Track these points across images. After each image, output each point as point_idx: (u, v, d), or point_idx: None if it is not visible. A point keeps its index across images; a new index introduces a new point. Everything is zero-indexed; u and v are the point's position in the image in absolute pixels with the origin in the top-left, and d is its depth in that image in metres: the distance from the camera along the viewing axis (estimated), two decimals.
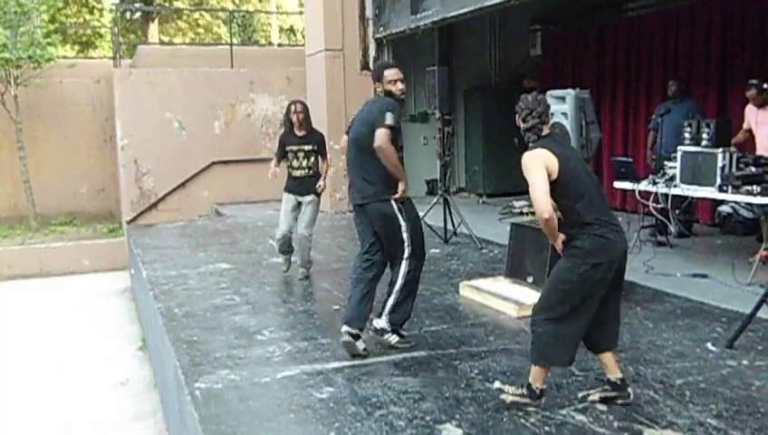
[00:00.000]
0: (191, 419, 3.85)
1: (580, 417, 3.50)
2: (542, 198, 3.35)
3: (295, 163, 6.60)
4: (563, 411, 3.56)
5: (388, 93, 4.64)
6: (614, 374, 3.61)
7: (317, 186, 6.58)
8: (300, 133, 6.59)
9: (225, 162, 12.87)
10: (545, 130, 3.59)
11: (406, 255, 4.47)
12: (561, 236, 3.49)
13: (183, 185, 12.77)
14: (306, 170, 6.59)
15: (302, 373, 4.28)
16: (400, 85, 4.68)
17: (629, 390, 3.62)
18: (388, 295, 4.53)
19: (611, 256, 3.45)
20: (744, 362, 4.18)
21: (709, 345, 4.48)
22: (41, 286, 11.51)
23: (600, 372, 4.03)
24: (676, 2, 9.16)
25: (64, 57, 15.65)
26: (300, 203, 6.65)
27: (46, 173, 13.73)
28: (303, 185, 6.60)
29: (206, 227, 10.64)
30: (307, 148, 6.57)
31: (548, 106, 3.65)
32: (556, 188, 3.41)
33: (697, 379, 3.94)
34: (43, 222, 13.56)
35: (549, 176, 3.39)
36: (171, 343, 4.99)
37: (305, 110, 6.60)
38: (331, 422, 3.58)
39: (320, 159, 6.67)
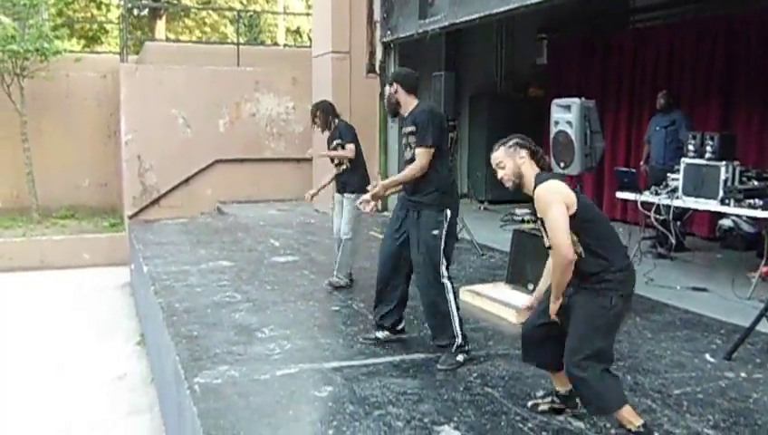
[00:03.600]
0: (190, 413, 3.86)
1: (577, 423, 3.51)
2: (566, 239, 3.05)
3: (335, 161, 6.43)
4: (561, 417, 3.58)
5: None
6: (565, 387, 3.53)
7: (308, 152, 6.47)
8: (326, 135, 6.50)
9: (229, 161, 12.89)
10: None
11: None
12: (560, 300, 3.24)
13: (186, 182, 12.78)
14: (338, 167, 6.39)
15: (302, 372, 4.30)
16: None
17: (577, 399, 3.47)
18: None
19: (633, 285, 3.29)
20: (742, 374, 4.20)
21: (708, 356, 4.50)
22: (41, 279, 11.52)
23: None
24: (682, 15, 9.21)
25: (71, 51, 15.68)
26: (341, 202, 6.45)
27: (49, 166, 13.74)
28: (339, 182, 6.42)
29: (208, 225, 10.66)
30: (335, 143, 6.40)
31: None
32: (576, 222, 3.12)
33: (695, 389, 3.96)
34: (44, 214, 13.57)
35: (567, 210, 3.11)
36: (171, 338, 5.01)
37: (315, 110, 6.51)
38: (330, 421, 3.60)
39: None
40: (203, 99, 12.62)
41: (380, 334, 4.82)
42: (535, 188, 3.22)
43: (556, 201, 3.10)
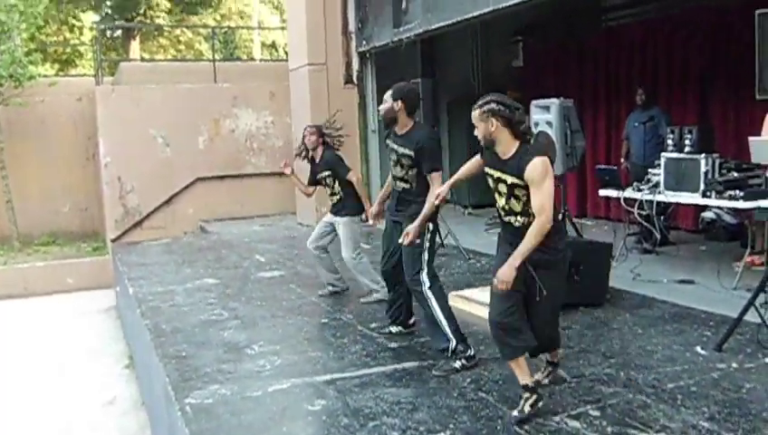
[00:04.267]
0: (182, 434, 3.80)
1: (573, 423, 3.50)
2: (551, 207, 3.46)
3: (327, 191, 6.31)
4: (557, 418, 3.57)
5: None
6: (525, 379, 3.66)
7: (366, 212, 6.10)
8: (318, 159, 6.31)
9: (210, 178, 12.82)
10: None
11: None
12: None
13: (168, 202, 12.70)
14: (336, 196, 6.25)
15: (294, 386, 4.26)
16: (380, 107, 4.80)
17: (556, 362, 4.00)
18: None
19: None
20: (734, 365, 4.21)
21: (698, 349, 4.51)
22: (25, 306, 11.37)
23: (592, 377, 4.06)
24: (653, 12, 9.30)
25: (45, 76, 15.56)
26: (333, 224, 6.29)
27: (28, 192, 13.59)
28: (335, 207, 6.28)
29: (192, 244, 10.58)
30: (324, 174, 6.26)
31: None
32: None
33: (688, 382, 3.96)
34: (25, 242, 13.41)
35: None
36: (160, 359, 4.94)
37: (314, 132, 6.27)
38: None
39: (344, 178, 6.19)
40: (181, 117, 12.56)
41: (393, 329, 5.07)
42: (532, 158, 3.45)
43: (550, 175, 3.46)
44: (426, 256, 4.50)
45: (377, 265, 7.42)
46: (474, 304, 5.69)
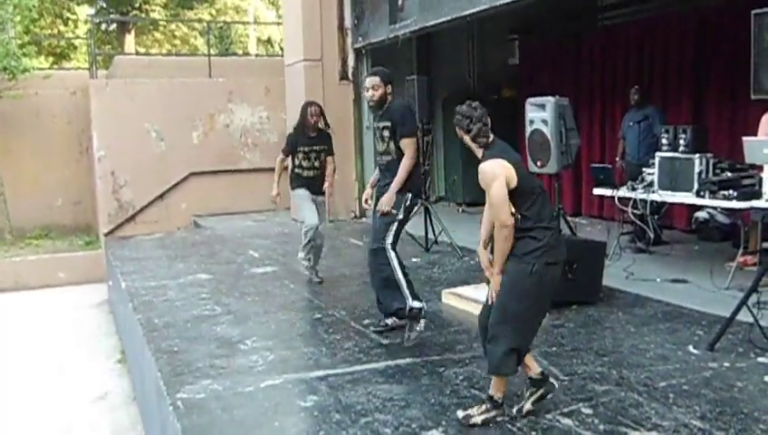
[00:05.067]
0: (173, 429, 3.79)
1: (566, 421, 3.50)
2: (504, 208, 3.36)
3: (305, 163, 6.58)
4: (549, 416, 3.57)
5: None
6: (535, 371, 3.62)
7: (325, 187, 6.64)
8: (312, 134, 6.59)
9: (204, 173, 12.78)
10: (491, 137, 3.61)
11: None
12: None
13: (161, 196, 12.65)
14: (316, 171, 6.61)
15: (286, 382, 4.25)
16: (367, 93, 5.05)
17: (551, 379, 3.72)
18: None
19: (562, 257, 3.55)
20: (726, 364, 4.22)
21: (691, 348, 4.52)
22: (16, 300, 11.33)
23: (584, 375, 4.07)
24: (649, 11, 9.31)
25: (39, 69, 15.48)
26: (314, 200, 6.63)
27: (21, 186, 13.52)
28: (315, 184, 6.62)
29: (185, 239, 10.55)
30: (318, 148, 6.57)
31: (485, 111, 3.64)
32: (515, 196, 3.41)
33: (680, 381, 3.97)
34: (18, 235, 13.35)
35: (507, 185, 3.39)
36: (152, 354, 4.93)
37: (322, 113, 6.62)
38: (316, 431, 3.55)
39: (327, 157, 6.66)
40: (176, 112, 12.51)
41: (389, 321, 5.09)
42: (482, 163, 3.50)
43: (496, 177, 3.39)
44: (395, 226, 4.84)
45: None
46: (467, 301, 5.69)
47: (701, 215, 7.93)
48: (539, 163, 5.92)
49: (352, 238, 9.55)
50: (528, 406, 3.58)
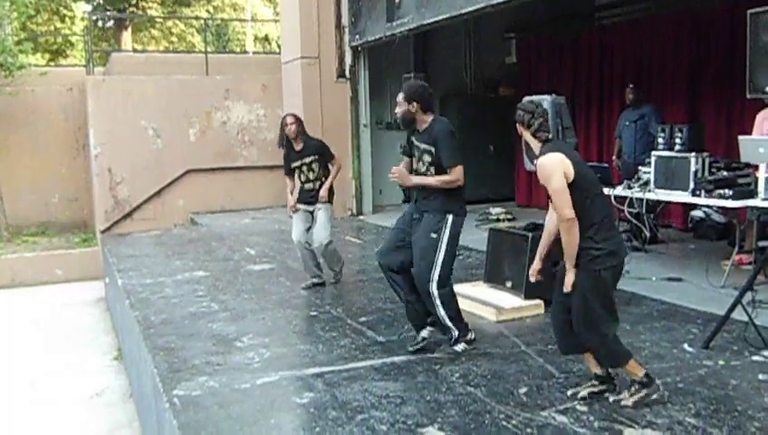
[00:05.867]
0: (170, 426, 3.80)
1: (561, 418, 3.52)
2: (566, 200, 3.42)
3: (302, 178, 6.47)
4: (544, 413, 3.58)
5: None
6: (601, 368, 3.72)
7: (320, 195, 6.41)
8: (298, 147, 6.44)
9: (201, 170, 12.78)
10: (551, 133, 3.68)
11: None
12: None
13: (158, 194, 12.65)
14: (313, 183, 6.44)
15: (282, 379, 4.26)
16: (396, 109, 4.73)
17: (615, 381, 3.74)
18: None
19: (623, 257, 3.61)
20: (721, 362, 4.23)
21: (686, 346, 4.54)
22: (12, 297, 11.32)
23: (580, 373, 4.08)
24: (646, 11, 9.33)
25: (36, 65, 15.46)
26: (312, 213, 6.51)
27: (18, 183, 13.52)
28: (314, 196, 6.47)
29: (182, 236, 10.55)
30: (308, 160, 6.41)
31: (545, 109, 3.73)
32: (573, 191, 3.45)
33: (675, 379, 3.99)
34: (14, 232, 13.34)
35: (566, 179, 3.45)
36: (148, 351, 4.93)
37: (296, 121, 6.43)
38: (312, 427, 3.56)
39: (327, 164, 6.48)
40: (173, 109, 12.51)
41: (425, 333, 4.72)
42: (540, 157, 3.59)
43: (556, 171, 3.46)
44: (441, 255, 4.46)
45: (366, 258, 7.47)
46: (464, 299, 5.68)
47: (697, 214, 7.96)
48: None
49: (349, 236, 9.55)
50: (584, 392, 3.72)
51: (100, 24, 23.14)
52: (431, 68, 11.67)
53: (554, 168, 3.46)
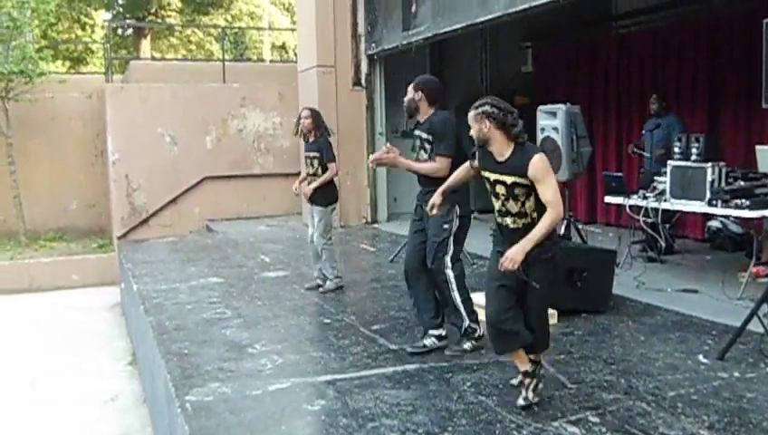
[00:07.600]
0: (181, 431, 3.82)
1: (572, 429, 3.49)
2: (560, 200, 3.65)
3: (309, 169, 6.61)
4: (556, 423, 3.56)
5: None
6: (527, 365, 3.82)
7: (304, 191, 6.58)
8: (311, 139, 6.59)
9: (217, 178, 12.85)
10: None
11: None
12: None
13: (174, 201, 12.72)
14: (313, 178, 6.56)
15: (294, 386, 4.26)
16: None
17: (542, 362, 3.89)
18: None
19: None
20: (736, 374, 4.19)
21: (700, 357, 4.49)
22: (30, 301, 11.41)
23: (592, 383, 4.05)
24: (664, 20, 9.28)
25: (56, 72, 15.63)
26: (311, 212, 6.69)
27: (36, 188, 13.64)
28: (312, 195, 6.59)
29: (197, 243, 10.61)
30: (312, 154, 6.53)
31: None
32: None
33: (689, 391, 3.95)
34: (32, 238, 13.45)
35: None
36: (162, 356, 4.96)
37: (311, 115, 6.57)
38: None
39: (327, 164, 6.53)
40: (189, 116, 12.60)
41: (428, 341, 4.79)
42: (532, 156, 3.61)
43: (551, 169, 3.70)
44: (451, 242, 4.70)
45: (380, 266, 7.46)
46: (477, 308, 5.67)
47: (714, 224, 7.87)
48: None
49: (363, 244, 9.57)
50: (529, 395, 3.76)
51: (119, 32, 23.36)
52: (447, 76, 11.65)
53: (551, 168, 3.70)
